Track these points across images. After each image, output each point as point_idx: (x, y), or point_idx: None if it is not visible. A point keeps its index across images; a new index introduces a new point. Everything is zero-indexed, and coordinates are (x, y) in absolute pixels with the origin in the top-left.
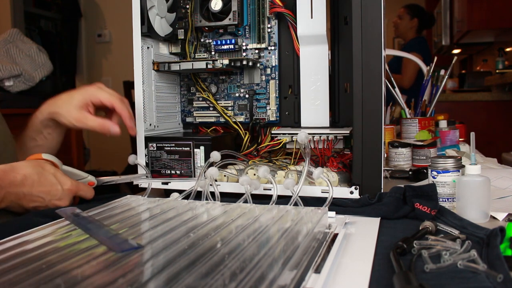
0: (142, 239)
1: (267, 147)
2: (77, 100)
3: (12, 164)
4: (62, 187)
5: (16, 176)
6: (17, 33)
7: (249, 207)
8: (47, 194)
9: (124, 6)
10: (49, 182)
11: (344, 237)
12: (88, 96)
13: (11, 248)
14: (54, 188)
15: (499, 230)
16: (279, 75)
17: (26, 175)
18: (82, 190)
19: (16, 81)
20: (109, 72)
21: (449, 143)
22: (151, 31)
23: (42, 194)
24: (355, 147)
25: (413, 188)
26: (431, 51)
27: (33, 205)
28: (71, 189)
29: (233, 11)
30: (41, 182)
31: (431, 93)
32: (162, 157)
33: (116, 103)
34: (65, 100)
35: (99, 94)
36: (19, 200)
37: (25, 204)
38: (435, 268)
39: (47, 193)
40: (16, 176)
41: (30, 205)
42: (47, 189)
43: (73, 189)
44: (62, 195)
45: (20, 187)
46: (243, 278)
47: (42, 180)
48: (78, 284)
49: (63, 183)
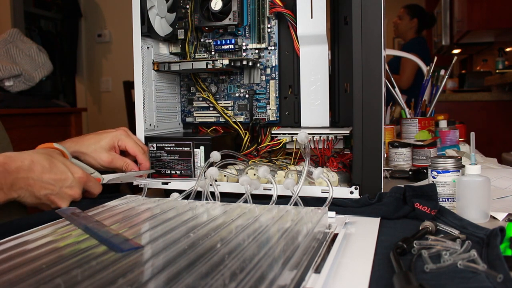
0: (142, 239)
1: (267, 147)
2: (106, 143)
3: (19, 152)
4: (73, 175)
5: (24, 161)
6: (17, 33)
7: (249, 207)
8: (57, 181)
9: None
10: (60, 169)
11: (344, 237)
12: (116, 140)
13: (11, 248)
14: (65, 176)
15: (499, 230)
16: (279, 75)
17: (34, 160)
18: (91, 181)
19: (16, 81)
20: (109, 72)
21: (449, 143)
22: (151, 31)
23: (52, 181)
24: (355, 147)
25: (413, 188)
26: (431, 51)
27: (44, 192)
28: (82, 177)
29: (233, 11)
30: (51, 169)
31: (431, 93)
32: (162, 157)
33: (139, 155)
34: (93, 142)
35: (126, 141)
36: (29, 187)
37: (36, 192)
38: (435, 268)
39: (57, 180)
40: (23, 161)
41: (41, 192)
42: (58, 177)
43: (84, 178)
44: (72, 183)
45: (28, 172)
46: (243, 278)
47: (52, 167)
48: (78, 284)
49: (74, 172)
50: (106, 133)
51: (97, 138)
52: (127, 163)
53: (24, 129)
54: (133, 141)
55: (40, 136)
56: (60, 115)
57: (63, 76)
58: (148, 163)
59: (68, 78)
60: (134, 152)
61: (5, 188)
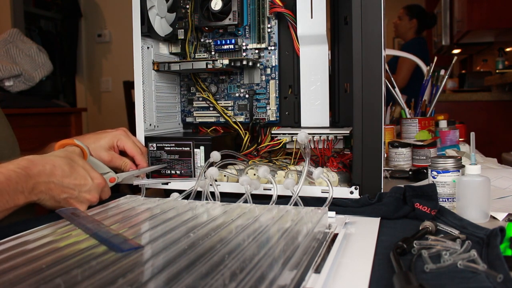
0: (142, 239)
1: (267, 147)
2: (105, 142)
3: (42, 155)
4: (92, 180)
5: (46, 166)
6: (17, 33)
7: (249, 207)
8: (77, 186)
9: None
10: (80, 175)
11: (344, 237)
12: (116, 140)
13: (11, 248)
14: (84, 181)
15: (499, 230)
16: (279, 75)
17: (55, 165)
18: (106, 187)
19: (16, 81)
20: (109, 72)
21: (449, 143)
22: (151, 31)
23: (73, 186)
24: (355, 147)
25: (413, 188)
26: (431, 51)
27: (64, 196)
28: (100, 183)
29: (233, 11)
30: (71, 174)
31: (431, 93)
32: (162, 157)
33: (137, 156)
34: (93, 141)
35: (125, 141)
36: (50, 191)
37: (56, 196)
38: (435, 268)
39: (77, 185)
40: (45, 165)
41: (61, 196)
42: (78, 182)
43: (102, 184)
44: (91, 188)
45: (50, 176)
46: (243, 278)
47: (73, 172)
48: (78, 284)
49: (94, 177)
50: (106, 133)
51: (97, 137)
52: (126, 163)
53: (24, 129)
54: (132, 142)
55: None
56: (60, 115)
57: (63, 76)
58: (145, 164)
59: (68, 78)
60: (132, 152)
61: (26, 191)
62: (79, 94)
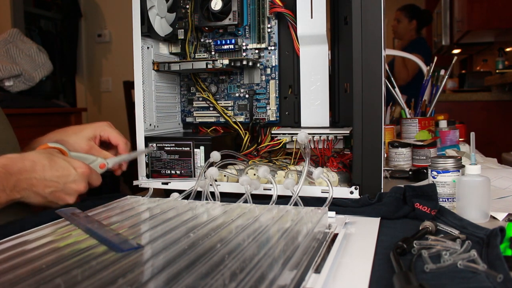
0: (142, 239)
1: (267, 147)
2: (88, 132)
3: (20, 154)
4: (75, 170)
5: (25, 162)
6: (17, 33)
7: (249, 207)
8: (60, 177)
9: (124, 6)
10: (61, 165)
11: (344, 237)
12: (99, 130)
13: (11, 248)
14: (67, 171)
15: (499, 230)
16: (279, 75)
17: (35, 160)
18: (93, 174)
19: (16, 81)
20: (109, 72)
21: (449, 143)
22: (151, 31)
23: (56, 178)
24: (355, 147)
25: (413, 188)
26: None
27: (49, 190)
28: (84, 171)
29: (233, 11)
30: (52, 166)
31: (431, 93)
32: (162, 157)
33: (121, 145)
34: (76, 131)
35: (109, 131)
36: (33, 187)
37: (41, 191)
38: (435, 268)
39: (60, 176)
40: (25, 162)
41: (46, 190)
42: (60, 173)
43: (87, 172)
44: (76, 177)
45: (31, 172)
46: (243, 278)
47: (53, 164)
48: (78, 284)
49: (76, 166)
50: (90, 124)
51: (80, 128)
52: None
53: (24, 129)
54: (116, 132)
55: None
56: (60, 115)
57: (63, 76)
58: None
59: (68, 78)
60: (117, 141)
61: (8, 189)
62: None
